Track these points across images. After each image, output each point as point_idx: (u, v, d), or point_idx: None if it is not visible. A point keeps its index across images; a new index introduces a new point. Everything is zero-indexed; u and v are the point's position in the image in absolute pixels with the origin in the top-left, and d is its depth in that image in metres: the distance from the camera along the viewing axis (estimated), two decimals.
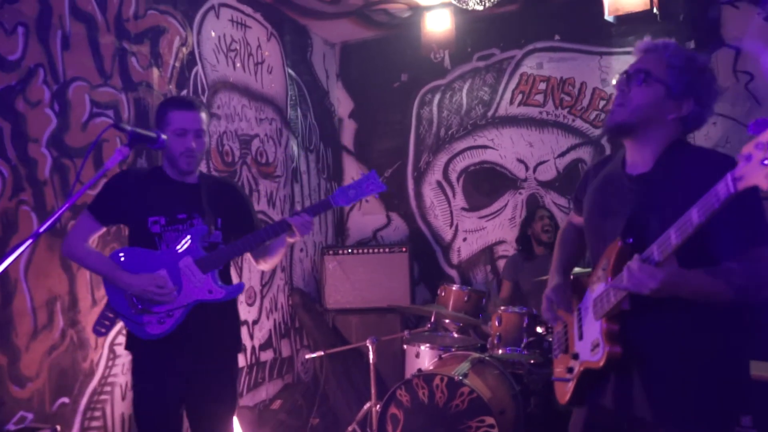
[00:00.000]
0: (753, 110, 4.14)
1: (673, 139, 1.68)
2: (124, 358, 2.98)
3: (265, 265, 2.49)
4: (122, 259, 2.20)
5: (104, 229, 2.32)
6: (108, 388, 2.93)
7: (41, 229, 1.52)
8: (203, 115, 2.30)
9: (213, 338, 2.29)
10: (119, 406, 2.99)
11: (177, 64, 3.53)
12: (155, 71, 3.35)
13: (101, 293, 2.82)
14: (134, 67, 3.20)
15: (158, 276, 2.15)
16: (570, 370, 1.83)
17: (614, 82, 1.77)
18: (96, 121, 2.94)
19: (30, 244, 1.55)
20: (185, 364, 2.23)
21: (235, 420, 3.15)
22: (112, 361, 2.96)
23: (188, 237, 2.21)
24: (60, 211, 1.58)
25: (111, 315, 2.21)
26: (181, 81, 3.55)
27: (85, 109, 2.90)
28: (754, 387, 2.84)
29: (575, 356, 1.81)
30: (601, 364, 1.64)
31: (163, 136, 1.92)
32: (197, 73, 3.69)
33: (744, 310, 1.63)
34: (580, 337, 1.82)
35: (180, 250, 2.20)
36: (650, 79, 1.66)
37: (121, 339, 2.93)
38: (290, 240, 2.34)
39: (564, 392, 1.88)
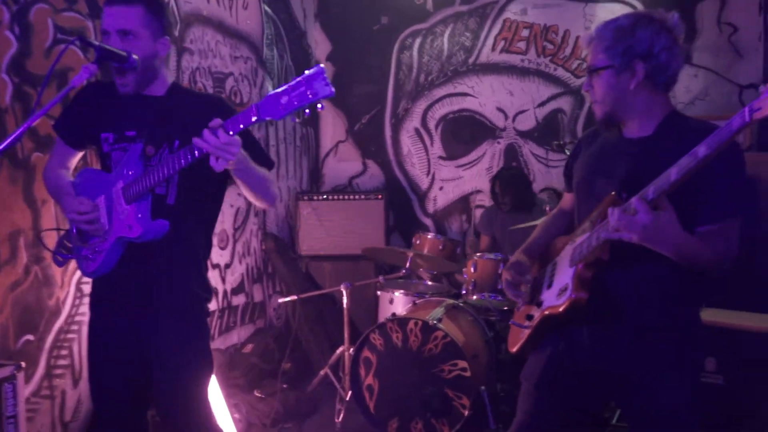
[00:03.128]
0: (735, 63, 4.12)
1: (669, 109, 1.69)
2: None
3: (253, 201, 1.99)
4: (78, 180, 1.95)
5: (79, 153, 2.08)
6: (75, 327, 2.86)
7: None
8: (138, 10, 1.81)
9: (153, 289, 1.89)
10: (86, 345, 2.92)
11: None
12: None
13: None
14: None
15: (83, 201, 1.83)
16: (530, 317, 1.82)
17: None
18: (61, 48, 2.77)
19: None
20: (129, 318, 1.90)
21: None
22: (79, 299, 2.87)
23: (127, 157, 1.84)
24: (17, 133, 1.47)
25: (68, 244, 2.00)
26: None
27: (48, 34, 2.72)
28: (719, 333, 2.93)
29: (539, 303, 1.80)
30: (564, 308, 1.63)
31: (134, 56, 1.76)
32: (169, 3, 3.50)
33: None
34: (549, 286, 1.81)
35: (118, 174, 1.84)
36: (597, 70, 1.69)
37: None
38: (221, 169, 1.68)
39: (517, 339, 1.87)
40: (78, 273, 2.85)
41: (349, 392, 3.27)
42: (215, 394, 3.13)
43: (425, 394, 3.04)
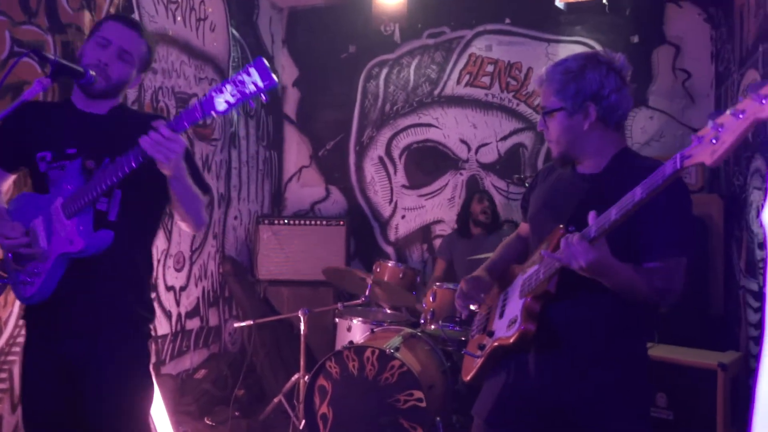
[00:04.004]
0: (688, 107, 4.28)
1: (620, 147, 1.74)
2: None
3: (181, 221, 1.94)
4: (12, 206, 1.86)
5: (12, 176, 1.97)
6: (16, 349, 2.73)
7: None
8: (141, 41, 1.88)
9: (94, 310, 1.81)
10: None
11: (111, 10, 3.30)
12: (86, 14, 3.12)
13: None
14: (63, 7, 2.97)
15: (15, 226, 1.75)
16: (482, 347, 1.84)
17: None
18: (19, 61, 2.70)
19: None
20: (66, 344, 1.79)
21: (156, 393, 3.02)
22: (22, 320, 2.76)
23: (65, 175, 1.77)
24: None
25: (3, 273, 1.88)
26: None
27: (5, 46, 2.66)
28: (669, 369, 2.98)
29: (490, 334, 1.84)
30: (513, 339, 1.66)
31: (92, 72, 1.73)
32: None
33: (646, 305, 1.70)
34: (501, 317, 1.84)
35: (57, 192, 1.77)
36: (551, 112, 1.74)
37: None
38: (164, 171, 1.70)
39: (470, 368, 1.89)
40: None
41: (303, 421, 3.20)
42: (163, 420, 3.03)
43: (380, 424, 3.00)
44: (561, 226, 1.67)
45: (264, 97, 1.53)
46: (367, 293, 3.65)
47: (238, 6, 4.60)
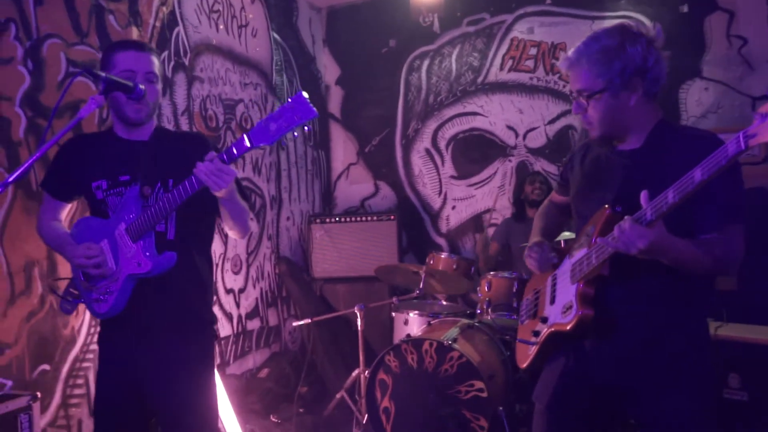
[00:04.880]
0: (746, 75, 4.08)
1: (658, 118, 1.70)
2: None
3: (229, 230, 2.08)
4: (75, 230, 2.00)
5: (69, 205, 2.13)
6: (90, 356, 2.87)
7: (10, 179, 1.44)
8: (154, 59, 1.98)
9: (165, 320, 1.95)
10: None
11: (157, 24, 3.40)
12: (134, 30, 3.22)
13: None
14: (112, 25, 3.08)
15: (90, 246, 1.89)
16: (536, 333, 1.82)
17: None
18: (74, 81, 2.82)
19: None
20: (138, 353, 1.93)
21: (223, 392, 3.12)
22: (94, 328, 2.89)
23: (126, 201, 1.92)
24: (28, 163, 1.50)
25: (75, 291, 2.03)
26: (161, 41, 3.43)
27: (60, 67, 2.78)
28: (742, 349, 2.86)
29: (544, 320, 1.81)
30: (571, 326, 1.65)
31: (141, 86, 1.81)
32: (179, 33, 3.57)
33: (705, 277, 1.67)
34: (552, 302, 1.82)
35: (119, 217, 1.92)
36: (592, 94, 1.66)
37: None
38: (217, 194, 1.84)
39: (525, 356, 1.88)
40: None
41: (366, 415, 3.24)
42: (231, 419, 3.11)
43: (442, 416, 3.00)
44: (607, 206, 1.64)
45: (307, 128, 1.70)
46: (421, 286, 3.65)
47: (278, 10, 4.66)
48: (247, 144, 1.74)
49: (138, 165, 1.94)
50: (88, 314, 2.86)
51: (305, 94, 1.68)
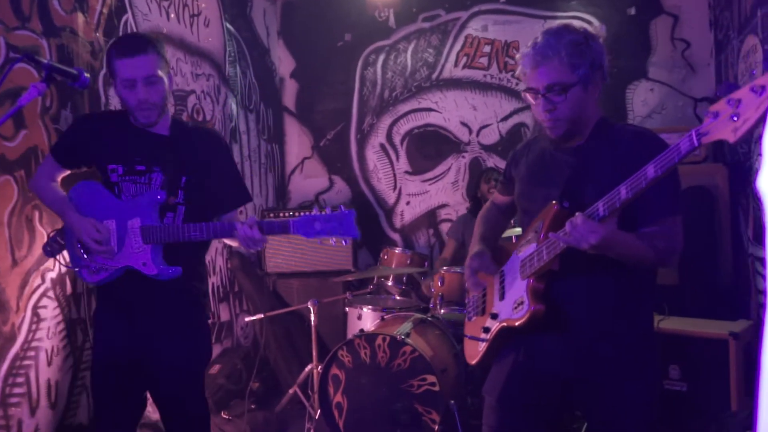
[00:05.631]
0: (688, 77, 4.24)
1: (599, 115, 1.74)
2: (49, 321, 2.81)
3: (228, 243, 2.34)
4: (78, 193, 2.08)
5: (68, 172, 2.20)
6: (32, 353, 2.76)
7: None
8: (154, 57, 2.00)
9: (161, 288, 2.09)
10: (44, 372, 2.82)
11: (104, 11, 3.29)
12: (80, 16, 3.11)
13: (22, 253, 2.64)
14: (56, 9, 2.96)
15: (102, 226, 1.98)
16: (486, 330, 1.84)
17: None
18: (13, 67, 2.69)
19: None
20: (135, 319, 2.11)
21: None
22: (36, 324, 2.78)
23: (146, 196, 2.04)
24: None
25: (61, 242, 2.09)
26: (109, 29, 3.31)
27: (0, 52, 2.66)
28: (682, 341, 2.98)
29: (494, 316, 1.83)
30: (523, 321, 1.67)
31: (86, 74, 1.76)
32: (127, 21, 3.46)
33: (651, 271, 1.74)
34: (502, 298, 1.84)
35: (134, 208, 2.01)
36: (566, 87, 1.65)
37: (46, 302, 2.76)
38: (232, 244, 2.08)
39: (476, 352, 1.90)
40: (35, 297, 2.76)
41: (318, 410, 3.23)
42: None
43: (395, 410, 3.02)
44: (554, 202, 1.66)
45: (345, 242, 1.93)
46: (374, 283, 3.66)
47: (231, 0, 4.58)
48: (290, 230, 1.90)
49: (156, 159, 2.04)
50: (29, 311, 2.75)
51: (355, 215, 1.87)
